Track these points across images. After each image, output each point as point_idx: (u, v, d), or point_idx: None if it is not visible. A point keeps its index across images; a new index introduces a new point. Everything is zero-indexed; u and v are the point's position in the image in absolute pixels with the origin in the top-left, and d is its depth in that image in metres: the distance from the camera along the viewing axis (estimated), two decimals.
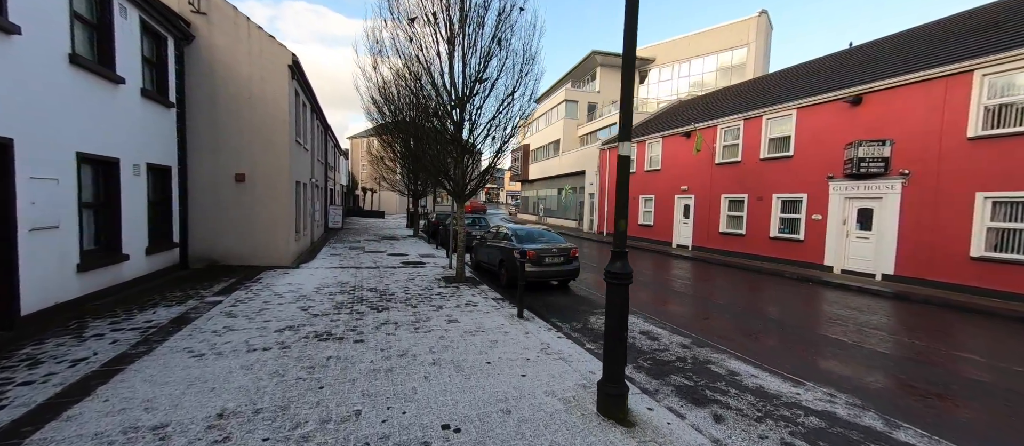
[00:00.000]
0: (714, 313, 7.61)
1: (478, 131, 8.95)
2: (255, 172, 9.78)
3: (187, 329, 5.19)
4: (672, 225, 18.13)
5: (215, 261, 9.63)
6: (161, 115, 8.25)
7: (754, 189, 14.18)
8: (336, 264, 10.93)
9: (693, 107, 20.54)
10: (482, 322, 6.10)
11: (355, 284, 8.46)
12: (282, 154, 9.96)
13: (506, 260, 9.23)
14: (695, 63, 28.63)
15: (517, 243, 9.22)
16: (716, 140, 15.81)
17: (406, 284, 8.70)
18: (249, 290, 7.48)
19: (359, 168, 47.97)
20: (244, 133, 9.65)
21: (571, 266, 9.08)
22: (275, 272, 9.32)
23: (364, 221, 30.79)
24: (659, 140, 19.10)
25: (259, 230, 9.89)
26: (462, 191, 9.20)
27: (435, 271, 10.53)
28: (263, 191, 9.86)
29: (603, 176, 23.62)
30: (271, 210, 9.95)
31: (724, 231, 15.38)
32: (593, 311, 7.45)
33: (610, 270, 3.45)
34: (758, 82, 17.91)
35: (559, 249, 9.04)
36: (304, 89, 12.45)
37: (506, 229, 10.33)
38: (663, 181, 18.73)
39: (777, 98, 13.99)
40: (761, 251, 13.80)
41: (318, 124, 17.05)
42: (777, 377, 4.67)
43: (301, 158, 12.24)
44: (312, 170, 14.70)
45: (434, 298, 7.50)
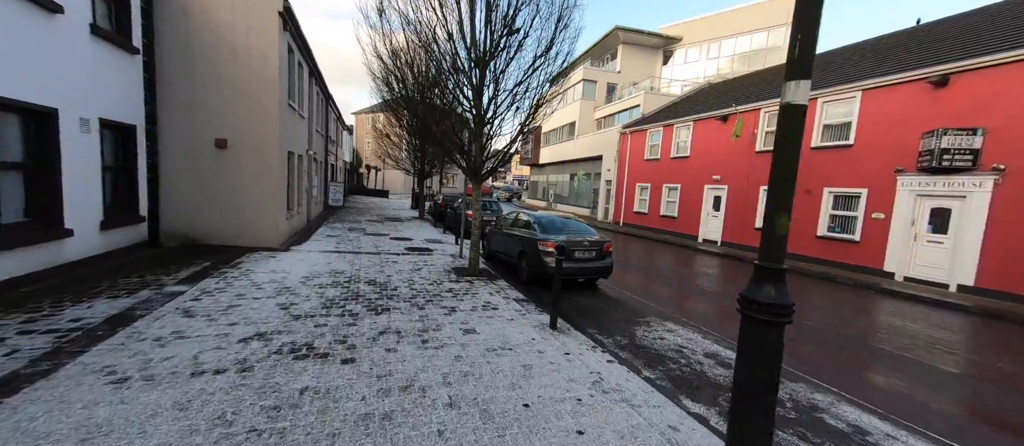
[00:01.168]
0: None
1: (501, 98, 7.50)
2: (239, 138, 8.41)
3: (122, 334, 3.92)
4: (699, 217, 16.67)
5: (193, 239, 8.36)
6: (122, 62, 6.85)
7: (801, 181, 12.63)
8: (332, 248, 9.66)
9: (728, 89, 18.79)
10: (507, 334, 4.80)
11: (351, 274, 7.17)
12: (271, 118, 8.56)
13: (528, 253, 7.89)
14: (725, 43, 26.59)
15: (541, 233, 7.87)
16: (758, 125, 14.20)
17: (411, 276, 7.41)
18: (222, 278, 6.20)
19: (364, 145, 46.51)
20: (225, 91, 8.24)
21: (604, 262, 7.73)
22: (260, 255, 8.05)
23: (367, 200, 29.52)
24: (689, 124, 17.47)
25: (244, 206, 8.58)
26: (479, 170, 7.81)
27: (444, 260, 9.23)
28: (248, 161, 8.51)
29: (623, 162, 22.04)
30: (258, 183, 8.62)
31: (761, 227, 13.90)
32: (636, 321, 6.12)
33: (754, 298, 2.10)
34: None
35: (591, 242, 7.68)
36: (300, 46, 10.95)
37: (526, 216, 8.96)
38: (691, 169, 17.19)
39: (836, 78, 12.31)
40: (806, 251, 12.37)
41: (318, 91, 15.56)
42: (928, 442, 3.35)
43: (296, 126, 10.84)
44: (309, 141, 13.31)
45: (445, 296, 6.21)
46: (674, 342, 5.29)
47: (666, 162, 18.75)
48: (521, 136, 7.73)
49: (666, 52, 29.29)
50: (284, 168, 9.40)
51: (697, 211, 16.76)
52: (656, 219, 19.20)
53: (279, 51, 8.49)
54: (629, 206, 21.38)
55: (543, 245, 7.52)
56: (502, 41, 6.86)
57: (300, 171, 11.92)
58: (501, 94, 7.38)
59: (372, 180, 45.25)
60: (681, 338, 5.47)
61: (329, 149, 19.58)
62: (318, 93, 15.62)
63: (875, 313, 7.63)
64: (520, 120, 7.79)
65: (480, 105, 7.48)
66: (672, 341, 5.33)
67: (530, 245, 7.88)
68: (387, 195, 34.80)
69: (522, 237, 8.33)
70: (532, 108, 7.48)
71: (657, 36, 28.34)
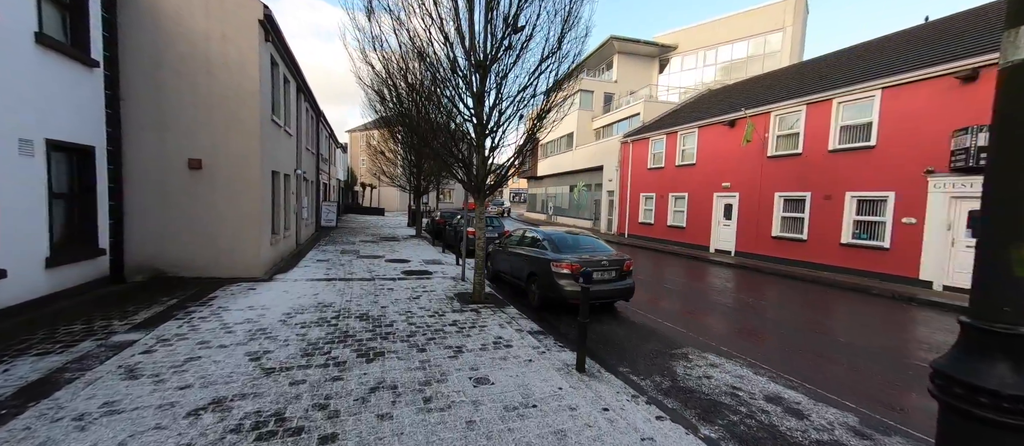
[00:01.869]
0: (835, 354, 5.43)
1: (505, 104, 6.77)
2: (216, 157, 7.61)
3: (31, 412, 3.02)
4: (709, 227, 15.94)
5: (162, 272, 7.47)
6: (77, 76, 6.07)
7: (820, 186, 11.99)
8: (321, 275, 8.77)
9: (732, 93, 18.31)
10: (527, 382, 3.94)
11: (341, 307, 6.30)
12: (251, 135, 7.78)
13: (539, 275, 7.06)
14: (723, 50, 26.37)
15: (553, 252, 7.06)
16: (768, 129, 13.60)
17: (409, 306, 6.54)
18: (187, 320, 5.31)
19: (358, 163, 45.89)
20: (200, 107, 7.47)
21: (625, 283, 6.91)
22: (238, 288, 7.16)
23: (362, 219, 28.65)
24: (694, 131, 16.89)
25: (220, 232, 7.72)
26: (482, 185, 7.04)
27: (445, 285, 8.37)
28: (226, 182, 7.69)
29: (625, 171, 21.42)
30: (237, 207, 7.78)
31: (778, 235, 13.19)
32: (671, 353, 5.27)
33: (977, 383, 1.28)
34: (816, 63, 15.60)
35: (610, 261, 6.86)
36: (286, 60, 10.27)
37: (534, 233, 8.17)
38: (699, 177, 16.54)
39: (851, 77, 11.77)
40: (829, 260, 11.62)
41: (308, 107, 14.86)
42: None
43: (281, 143, 10.07)
44: (298, 160, 12.53)
45: (449, 331, 5.34)
46: (724, 382, 4.44)
47: (671, 170, 18.11)
48: (527, 145, 6.98)
49: (662, 60, 29.07)
50: (267, 189, 8.58)
51: (707, 220, 16.04)
52: (663, 229, 18.46)
53: (259, 62, 7.76)
54: (633, 216, 20.66)
55: (557, 266, 6.70)
56: (504, 41, 6.17)
57: (287, 192, 11.10)
58: (504, 101, 6.66)
59: (367, 198, 44.45)
60: (730, 375, 4.62)
61: (321, 168, 18.81)
62: (308, 110, 14.93)
63: (918, 327, 6.81)
64: (525, 128, 7.06)
65: (481, 113, 6.76)
66: (721, 380, 4.48)
67: (541, 267, 7.05)
68: (383, 213, 33.97)
69: (531, 257, 7.51)
70: (539, 114, 6.76)
71: (652, 45, 28.16)
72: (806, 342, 5.96)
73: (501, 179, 7.16)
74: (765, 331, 6.45)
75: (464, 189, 7.58)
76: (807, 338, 6.15)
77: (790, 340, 6.03)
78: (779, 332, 6.41)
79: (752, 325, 6.79)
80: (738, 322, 6.95)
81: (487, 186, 7.16)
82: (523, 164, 7.25)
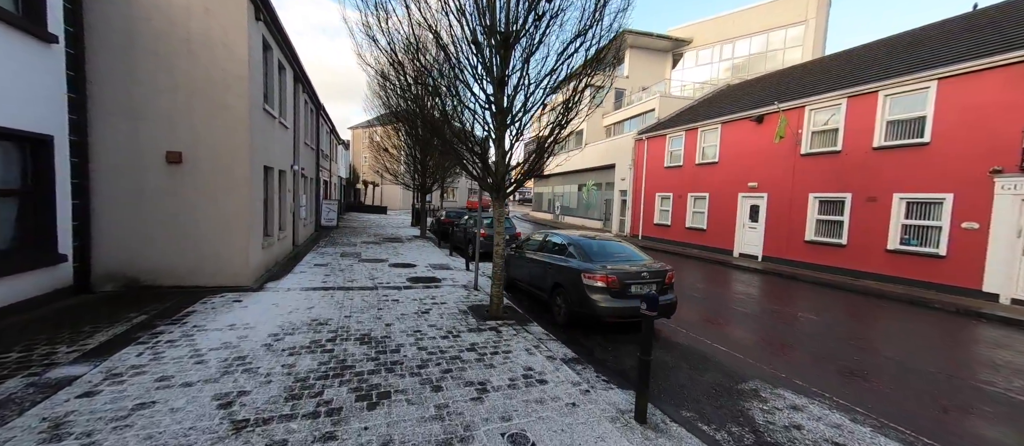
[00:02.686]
0: (947, 393, 4.47)
1: (530, 91, 5.83)
2: (198, 150, 6.70)
3: None
4: (733, 230, 14.95)
5: (137, 281, 6.57)
6: (29, 54, 5.16)
7: (862, 187, 10.99)
8: (318, 282, 7.87)
9: (756, 87, 17.28)
10: (578, 441, 3.01)
11: (338, 325, 5.38)
12: (238, 125, 6.86)
13: (567, 288, 6.12)
14: (740, 44, 25.31)
15: (583, 261, 6.12)
16: (802, 125, 12.60)
17: (417, 323, 5.62)
18: (152, 344, 4.40)
19: (360, 161, 45.06)
20: (180, 93, 6.56)
21: (667, 299, 5.96)
22: (221, 299, 6.25)
23: (365, 218, 27.78)
24: (717, 127, 15.89)
25: (203, 235, 6.82)
26: (502, 183, 6.11)
27: (456, 295, 7.45)
28: (210, 178, 6.78)
29: (639, 170, 20.43)
30: (222, 206, 6.88)
31: (813, 240, 12.20)
32: (737, 389, 4.32)
33: None
34: (855, 53, 14.48)
35: (650, 273, 5.91)
36: (281, 45, 9.34)
37: (557, 238, 7.24)
38: (721, 176, 15.55)
39: (903, 66, 10.75)
40: (872, 267, 10.63)
41: (307, 100, 13.95)
42: None
43: (275, 135, 9.15)
44: (295, 154, 11.63)
45: (467, 360, 4.42)
46: (821, 436, 3.50)
47: (691, 169, 17.11)
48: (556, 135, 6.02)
49: (675, 55, 28.01)
50: (258, 186, 7.68)
51: (730, 222, 15.05)
52: (680, 231, 17.48)
53: (248, 42, 6.84)
54: (648, 218, 19.69)
55: (589, 278, 5.76)
56: (532, 12, 5.22)
57: (282, 189, 10.20)
58: (532, 84, 5.71)
59: (370, 196, 43.64)
60: (824, 424, 3.67)
61: (321, 164, 17.92)
62: (307, 102, 14.02)
63: (1016, 354, 5.84)
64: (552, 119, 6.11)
65: (502, 99, 5.82)
66: (815, 431, 3.54)
67: (569, 278, 6.12)
68: (385, 211, 33.11)
69: (556, 266, 6.57)
70: (569, 101, 5.81)
71: (666, 39, 27.09)
72: (895, 372, 4.99)
73: (526, 174, 6.22)
74: (834, 355, 5.49)
75: (480, 187, 6.66)
76: (890, 366, 5.18)
77: (871, 368, 5.07)
78: (851, 357, 5.45)
79: (814, 346, 5.82)
80: (796, 342, 5.99)
81: (508, 183, 6.23)
82: (547, 158, 6.32)
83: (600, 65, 5.91)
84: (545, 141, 6.11)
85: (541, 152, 6.18)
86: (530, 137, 7.86)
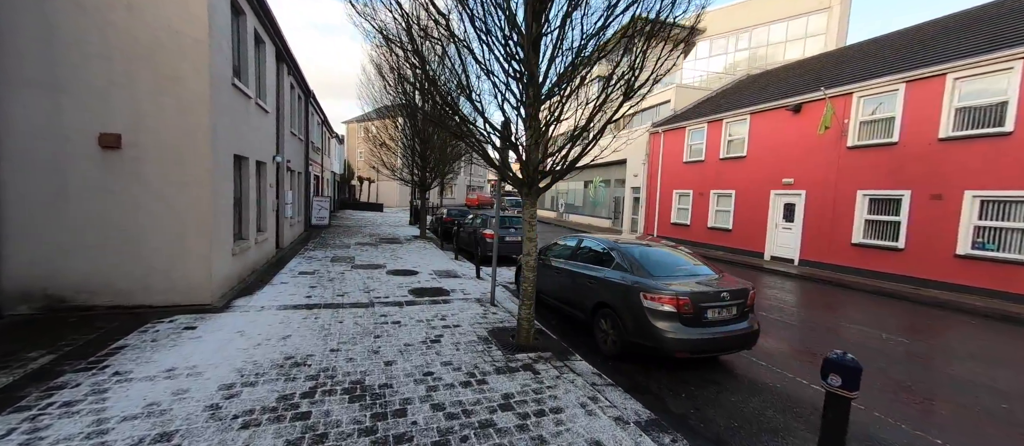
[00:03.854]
0: None
1: (569, 58, 4.47)
2: (142, 133, 5.24)
3: None
4: (764, 230, 13.67)
5: (61, 299, 5.11)
6: None
7: (924, 183, 9.71)
8: (301, 297, 6.44)
9: (788, 74, 15.96)
10: None
11: (321, 364, 3.98)
12: (197, 102, 5.41)
13: (618, 309, 4.75)
14: (757, 32, 24.00)
15: (641, 276, 4.75)
16: (849, 114, 11.30)
17: (427, 360, 4.23)
18: (37, 411, 2.98)
19: (355, 156, 43.45)
20: (117, 58, 5.10)
21: (748, 326, 4.61)
22: (170, 325, 4.82)
23: (359, 215, 26.27)
24: (745, 118, 14.57)
25: (152, 241, 5.37)
26: (535, 175, 4.75)
27: (470, 312, 6.06)
28: (159, 168, 5.33)
29: (654, 165, 19.11)
30: (176, 203, 5.43)
31: (861, 242, 10.93)
32: None
33: None
34: (906, 34, 13.07)
35: (732, 294, 4.55)
36: (258, 11, 7.84)
37: (594, 243, 5.90)
38: (750, 172, 14.24)
39: (977, 44, 9.44)
40: (938, 274, 9.36)
41: (294, 84, 12.44)
42: None
43: (250, 120, 7.68)
44: (278, 144, 10.14)
45: (504, 429, 3.04)
46: None
47: (714, 164, 15.80)
48: (616, 118, 4.64)
49: (688, 44, 26.69)
50: (224, 179, 6.22)
51: (761, 222, 13.75)
52: (702, 231, 16.19)
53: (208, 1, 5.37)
54: (664, 216, 18.38)
55: (653, 300, 4.39)
56: None
57: (262, 184, 8.73)
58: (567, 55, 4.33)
59: (365, 193, 42.07)
60: None
61: (311, 158, 16.41)
62: (294, 86, 12.50)
63: None
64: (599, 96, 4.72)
65: (535, 69, 4.44)
66: None
67: (622, 298, 4.75)
68: (381, 209, 31.59)
69: (599, 280, 5.20)
70: (629, 80, 4.43)
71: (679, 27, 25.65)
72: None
73: (568, 167, 4.82)
74: (975, 400, 4.16)
75: (499, 179, 5.28)
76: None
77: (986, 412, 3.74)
78: (999, 404, 4.12)
79: (939, 386, 4.49)
80: (912, 380, 4.64)
81: (542, 175, 4.85)
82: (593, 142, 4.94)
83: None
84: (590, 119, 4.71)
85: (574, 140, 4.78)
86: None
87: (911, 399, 4.23)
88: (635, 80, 4.34)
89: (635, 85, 4.36)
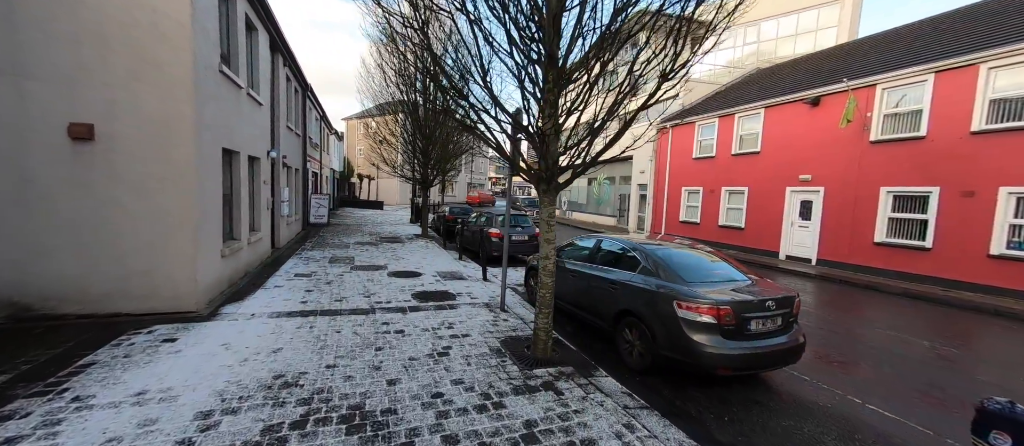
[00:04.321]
0: None
1: (595, 36, 3.98)
2: (117, 124, 4.74)
3: None
4: (779, 228, 13.16)
5: (27, 307, 4.62)
6: None
7: (955, 179, 9.20)
8: (296, 302, 5.95)
9: (802, 68, 15.40)
10: None
11: (315, 385, 3.49)
12: (178, 89, 4.90)
13: (648, 318, 4.26)
14: (766, 25, 23.36)
15: (671, 281, 4.26)
16: (872, 107, 10.78)
17: (435, 377, 3.74)
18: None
19: (355, 154, 42.90)
20: (87, 42, 4.59)
21: (792, 339, 4.11)
22: (148, 337, 4.33)
23: (359, 213, 25.77)
24: (758, 112, 14.04)
25: (130, 242, 4.88)
26: (554, 168, 4.26)
27: (479, 319, 5.57)
28: (137, 163, 4.83)
29: (662, 162, 18.60)
30: (157, 202, 4.93)
31: (884, 241, 10.43)
32: None
33: None
34: (934, 22, 12.50)
35: (777, 302, 4.05)
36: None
37: (614, 244, 5.44)
38: (763, 168, 13.73)
39: (1009, 36, 8.91)
40: (970, 275, 8.87)
41: (289, 75, 11.90)
42: None
43: (242, 111, 7.16)
44: (273, 139, 9.63)
45: None
46: None
47: (725, 160, 15.28)
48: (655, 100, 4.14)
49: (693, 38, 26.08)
50: (211, 174, 5.71)
51: (776, 220, 13.25)
52: (712, 230, 15.69)
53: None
54: (673, 214, 17.88)
55: (688, 309, 3.90)
56: None
57: (255, 180, 8.22)
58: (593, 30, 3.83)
59: (365, 190, 41.56)
60: None
61: (309, 154, 15.89)
62: (289, 78, 11.97)
63: None
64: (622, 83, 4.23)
65: (556, 47, 3.95)
66: None
67: (651, 306, 4.25)
68: (381, 206, 31.09)
69: (622, 285, 4.71)
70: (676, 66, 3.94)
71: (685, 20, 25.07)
72: None
73: (592, 161, 4.32)
74: None
75: (521, 177, 4.80)
76: None
77: None
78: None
79: None
80: (975, 397, 4.17)
81: (562, 169, 4.36)
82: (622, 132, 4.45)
83: None
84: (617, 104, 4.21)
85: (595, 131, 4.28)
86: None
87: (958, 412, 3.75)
88: (676, 57, 3.82)
89: (677, 64, 3.83)
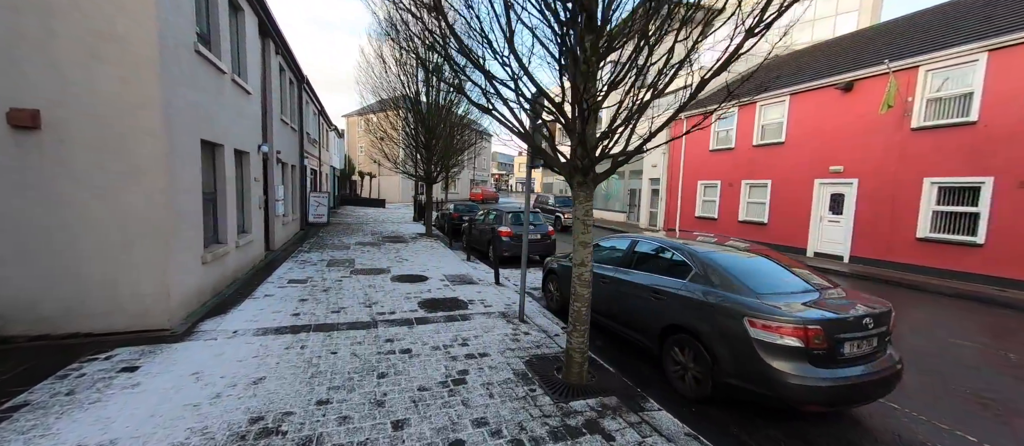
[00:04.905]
0: None
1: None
2: (70, 109, 3.99)
3: None
4: (806, 224, 12.35)
5: None
6: None
7: (1012, 169, 8.37)
8: (286, 315, 5.22)
9: (828, 51, 14.46)
10: None
11: (299, 435, 2.75)
12: (142, 69, 4.14)
13: (706, 337, 3.50)
14: None
15: (730, 291, 3.50)
16: (913, 91, 9.92)
17: (451, 415, 2.99)
18: None
19: (356, 151, 42.17)
20: (29, 11, 3.83)
21: (890, 364, 3.34)
22: (105, 363, 3.61)
23: (361, 211, 25.06)
24: (783, 99, 13.19)
25: (87, 250, 4.15)
26: (593, 154, 3.51)
27: (498, 333, 4.82)
28: (94, 156, 4.09)
29: (676, 154, 17.76)
30: (120, 202, 4.20)
31: (928, 237, 9.61)
32: None
33: None
34: (964, 2, 11.54)
35: (875, 318, 3.27)
36: None
37: (649, 244, 4.69)
38: (789, 159, 12.89)
39: None
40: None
41: (283, 65, 11.13)
42: None
43: (226, 99, 6.40)
44: (265, 132, 8.89)
45: None
46: None
47: (746, 151, 14.44)
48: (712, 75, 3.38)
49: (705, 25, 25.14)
50: (188, 169, 4.97)
51: (803, 215, 12.43)
52: (731, 226, 14.87)
53: None
54: (688, 209, 17.06)
55: (765, 329, 3.14)
56: None
57: (245, 177, 7.48)
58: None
59: (367, 188, 40.86)
60: None
61: (307, 150, 15.14)
62: (283, 68, 11.20)
63: None
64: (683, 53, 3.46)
65: (594, 6, 3.19)
66: None
67: (712, 321, 3.50)
68: (383, 204, 30.35)
69: (674, 296, 3.95)
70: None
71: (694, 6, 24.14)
72: None
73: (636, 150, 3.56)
74: None
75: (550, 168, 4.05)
76: None
77: None
78: None
79: None
80: None
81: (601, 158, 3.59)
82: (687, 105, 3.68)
83: None
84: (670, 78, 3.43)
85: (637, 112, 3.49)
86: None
87: None
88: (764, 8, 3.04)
89: (764, 19, 3.06)
